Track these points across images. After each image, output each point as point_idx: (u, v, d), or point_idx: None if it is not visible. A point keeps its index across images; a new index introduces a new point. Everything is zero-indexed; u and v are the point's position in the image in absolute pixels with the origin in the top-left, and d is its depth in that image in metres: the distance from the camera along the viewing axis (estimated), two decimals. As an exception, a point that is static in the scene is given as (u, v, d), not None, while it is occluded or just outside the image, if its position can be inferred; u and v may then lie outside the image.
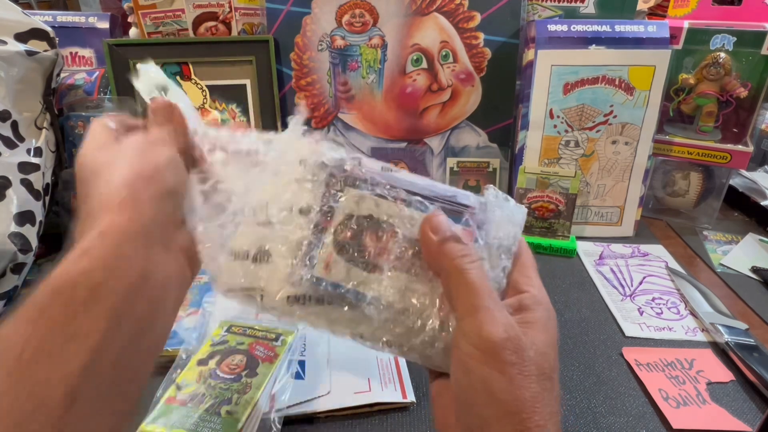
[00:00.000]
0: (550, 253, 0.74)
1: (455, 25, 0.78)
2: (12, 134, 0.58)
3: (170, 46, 0.76)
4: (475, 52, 0.79)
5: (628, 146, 0.75)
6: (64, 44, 0.79)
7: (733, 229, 0.82)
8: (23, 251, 0.54)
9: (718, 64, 0.73)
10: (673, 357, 0.53)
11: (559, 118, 0.75)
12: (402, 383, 0.47)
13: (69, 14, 0.86)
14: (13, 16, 0.60)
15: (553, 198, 0.74)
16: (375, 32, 0.79)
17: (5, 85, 0.58)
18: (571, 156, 0.77)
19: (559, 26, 0.73)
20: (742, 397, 0.49)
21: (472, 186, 0.83)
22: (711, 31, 0.74)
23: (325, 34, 0.79)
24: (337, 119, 0.84)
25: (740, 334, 0.55)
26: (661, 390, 0.49)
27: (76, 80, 0.75)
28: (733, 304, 0.62)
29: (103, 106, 0.71)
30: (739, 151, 0.75)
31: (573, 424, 0.45)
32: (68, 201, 0.69)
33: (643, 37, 0.72)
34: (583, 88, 0.73)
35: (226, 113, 0.78)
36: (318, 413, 0.44)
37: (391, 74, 0.81)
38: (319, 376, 0.48)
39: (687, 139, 0.78)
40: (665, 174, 0.84)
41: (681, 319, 0.60)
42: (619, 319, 0.60)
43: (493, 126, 0.83)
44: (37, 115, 0.62)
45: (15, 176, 0.56)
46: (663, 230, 0.82)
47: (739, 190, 0.87)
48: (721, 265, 0.72)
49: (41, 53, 0.60)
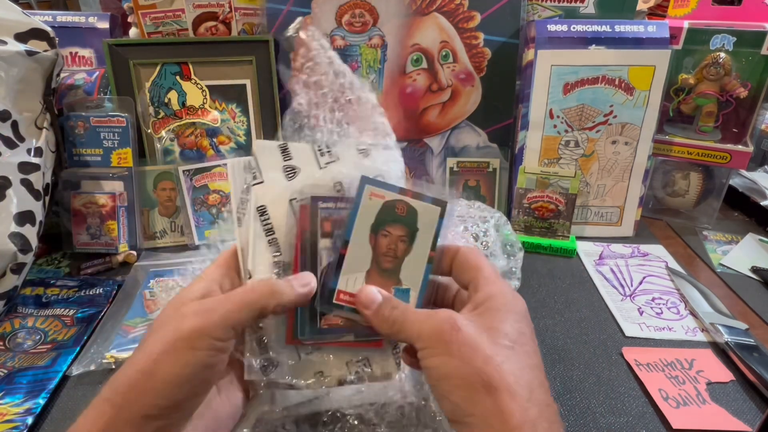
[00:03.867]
0: (550, 253, 0.74)
1: (455, 25, 0.78)
2: (12, 134, 0.58)
3: (170, 46, 0.75)
4: (475, 52, 0.79)
5: (628, 146, 0.75)
6: (64, 44, 0.79)
7: (733, 229, 0.82)
8: (23, 251, 0.54)
9: (718, 64, 0.73)
10: (673, 357, 0.53)
11: (559, 118, 0.75)
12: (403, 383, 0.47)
13: (69, 14, 0.86)
14: (13, 16, 0.60)
15: (553, 198, 0.74)
16: (375, 32, 0.79)
17: (5, 85, 0.58)
18: (571, 156, 0.77)
19: (559, 26, 0.73)
20: (742, 397, 0.49)
21: (472, 186, 0.83)
22: (711, 31, 0.74)
23: (325, 34, 0.79)
24: (337, 119, 0.84)
25: (740, 334, 0.55)
26: (661, 390, 0.49)
27: (76, 80, 0.75)
28: (733, 304, 0.62)
29: (103, 106, 0.71)
30: (739, 151, 0.75)
31: (573, 424, 0.45)
32: (68, 201, 0.69)
33: (643, 37, 0.72)
34: (583, 88, 0.73)
35: (226, 113, 0.78)
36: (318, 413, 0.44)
37: (391, 74, 0.81)
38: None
39: (687, 139, 0.78)
40: (665, 174, 0.83)
41: (681, 319, 0.60)
42: (619, 319, 0.60)
43: (493, 126, 0.83)
44: (37, 115, 0.62)
45: (15, 176, 0.56)
46: (663, 230, 0.82)
47: (739, 190, 0.87)
48: (721, 265, 0.72)
49: (41, 53, 0.60)
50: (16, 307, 0.58)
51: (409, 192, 0.34)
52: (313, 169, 0.35)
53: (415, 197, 0.34)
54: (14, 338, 0.54)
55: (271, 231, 0.34)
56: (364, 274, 0.34)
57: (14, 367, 0.50)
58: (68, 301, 0.60)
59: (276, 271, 0.34)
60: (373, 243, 0.34)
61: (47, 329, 0.55)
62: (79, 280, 0.64)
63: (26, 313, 0.57)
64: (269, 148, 0.35)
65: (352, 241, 0.33)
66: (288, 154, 0.35)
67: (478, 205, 0.68)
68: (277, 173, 0.35)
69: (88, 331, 0.55)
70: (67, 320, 0.57)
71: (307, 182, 0.34)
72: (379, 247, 0.34)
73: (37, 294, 0.60)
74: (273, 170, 0.35)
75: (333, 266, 0.33)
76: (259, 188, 0.34)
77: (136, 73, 0.73)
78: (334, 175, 0.35)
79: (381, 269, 0.34)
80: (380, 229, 0.34)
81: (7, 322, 0.56)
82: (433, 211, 0.34)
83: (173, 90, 0.75)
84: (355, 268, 0.34)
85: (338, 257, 0.33)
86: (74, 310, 0.58)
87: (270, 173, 0.35)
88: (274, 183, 0.34)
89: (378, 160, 0.36)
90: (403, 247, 0.34)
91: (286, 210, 0.34)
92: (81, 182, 0.69)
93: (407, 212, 0.34)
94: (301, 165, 0.35)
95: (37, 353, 0.52)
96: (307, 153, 0.36)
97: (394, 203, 0.34)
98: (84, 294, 0.61)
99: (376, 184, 0.34)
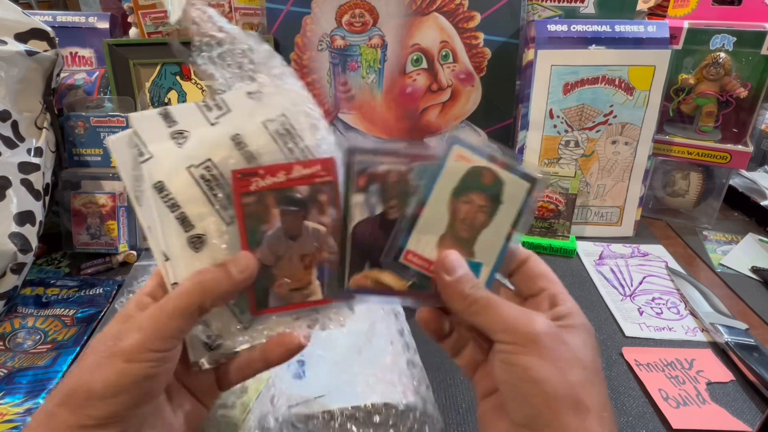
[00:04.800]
0: (550, 253, 0.74)
1: (455, 25, 0.78)
2: (12, 134, 0.58)
3: (170, 46, 0.76)
4: (475, 52, 0.79)
5: (628, 146, 0.75)
6: (64, 44, 0.79)
7: (733, 229, 0.82)
8: (23, 251, 0.54)
9: (718, 64, 0.73)
10: (673, 357, 0.53)
11: (559, 118, 0.75)
12: (403, 383, 0.47)
13: (69, 14, 0.86)
14: (13, 16, 0.60)
15: (553, 198, 0.74)
16: (375, 32, 0.79)
17: (5, 85, 0.58)
18: (571, 156, 0.77)
19: (559, 26, 0.73)
20: (742, 397, 0.49)
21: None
22: (711, 31, 0.74)
23: (325, 34, 0.79)
24: (337, 119, 0.84)
25: (740, 334, 0.55)
26: (661, 390, 0.49)
27: (76, 80, 0.75)
28: (733, 304, 0.62)
29: (103, 106, 0.71)
30: (739, 151, 0.75)
31: (573, 424, 0.45)
32: (68, 201, 0.69)
33: (643, 37, 0.72)
34: (583, 88, 0.73)
35: (226, 113, 0.78)
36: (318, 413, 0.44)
37: (391, 74, 0.81)
38: (319, 376, 0.47)
39: (687, 139, 0.78)
40: (665, 174, 0.83)
41: (681, 319, 0.60)
42: (619, 319, 0.60)
43: (493, 126, 0.83)
44: (38, 115, 0.62)
45: (15, 176, 0.56)
46: (663, 230, 0.82)
47: (739, 190, 0.87)
48: (721, 265, 0.72)
49: (41, 53, 0.60)
50: (16, 307, 0.58)
51: (500, 161, 0.31)
52: (205, 128, 0.32)
53: (504, 167, 0.31)
54: (14, 338, 0.54)
55: (176, 206, 0.31)
56: (437, 238, 0.31)
57: (14, 367, 0.50)
58: (68, 301, 0.60)
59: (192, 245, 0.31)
60: (453, 208, 0.31)
61: (47, 329, 0.55)
62: (79, 280, 0.64)
63: (26, 313, 0.57)
64: (148, 118, 0.32)
65: (430, 202, 0.31)
66: (171, 118, 0.32)
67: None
68: (166, 143, 0.31)
69: (88, 331, 0.55)
70: (67, 320, 0.57)
71: (204, 143, 0.31)
72: (458, 213, 0.31)
73: (37, 294, 0.60)
74: (160, 141, 0.31)
75: (405, 224, 0.31)
76: (149, 164, 0.31)
77: (136, 73, 0.73)
78: (229, 129, 0.32)
79: (455, 237, 0.32)
80: (462, 194, 0.31)
81: (7, 322, 0.56)
82: (521, 186, 0.31)
83: (173, 90, 0.75)
84: (428, 230, 0.31)
85: (412, 216, 0.31)
86: (74, 310, 0.58)
87: (158, 144, 0.31)
88: (165, 154, 0.31)
89: (273, 101, 0.33)
90: (483, 219, 0.32)
91: (186, 180, 0.31)
92: (81, 182, 0.69)
93: (494, 182, 0.31)
94: (190, 127, 0.32)
95: (37, 353, 0.52)
96: (193, 112, 0.32)
97: (481, 170, 0.31)
98: (84, 294, 0.61)
99: (466, 146, 0.31)
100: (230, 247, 0.31)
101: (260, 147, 0.32)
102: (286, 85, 0.34)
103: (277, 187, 0.31)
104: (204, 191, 0.31)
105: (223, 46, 0.33)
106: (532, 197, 0.32)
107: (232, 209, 0.31)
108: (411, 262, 0.32)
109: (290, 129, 0.33)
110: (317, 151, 0.33)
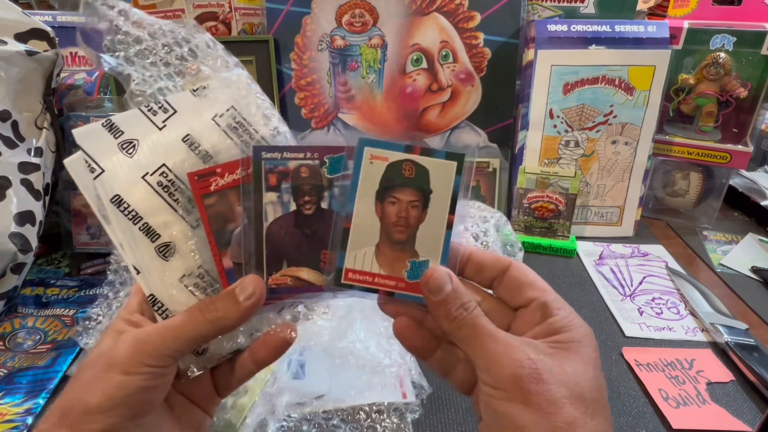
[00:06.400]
0: (550, 253, 0.73)
1: (455, 25, 0.78)
2: (12, 134, 0.58)
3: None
4: (475, 52, 0.79)
5: (628, 146, 0.75)
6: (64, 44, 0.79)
7: (733, 229, 0.82)
8: (23, 251, 0.54)
9: (718, 64, 0.73)
10: (673, 357, 0.53)
11: (559, 118, 0.75)
12: (402, 384, 0.47)
13: (69, 14, 0.85)
14: (13, 16, 0.60)
15: (553, 198, 0.74)
16: (375, 32, 0.79)
17: (5, 85, 0.58)
18: (571, 156, 0.77)
19: (559, 26, 0.73)
20: (742, 397, 0.49)
21: (472, 186, 0.83)
22: (711, 31, 0.74)
23: (325, 34, 0.79)
24: (337, 119, 0.84)
25: (740, 334, 0.55)
26: (661, 390, 0.49)
27: (76, 80, 0.75)
28: (733, 304, 0.62)
29: (103, 106, 0.71)
30: (739, 151, 0.75)
31: (573, 424, 0.45)
32: (68, 201, 0.69)
33: (643, 37, 0.72)
34: (583, 88, 0.73)
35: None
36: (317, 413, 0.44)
37: (391, 74, 0.81)
38: (319, 376, 0.47)
39: (687, 139, 0.78)
40: (665, 174, 0.83)
41: (681, 319, 0.60)
42: (619, 319, 0.60)
43: (493, 126, 0.83)
44: (38, 115, 0.62)
45: (15, 176, 0.56)
46: (663, 230, 0.82)
47: (739, 190, 0.87)
48: (721, 265, 0.72)
49: (41, 53, 0.60)
50: (16, 307, 0.58)
51: (417, 148, 0.29)
52: (154, 133, 0.31)
53: (424, 153, 0.29)
54: (14, 338, 0.54)
55: (137, 217, 0.30)
56: (373, 248, 0.30)
57: (14, 367, 0.50)
58: (68, 301, 0.60)
59: (161, 254, 0.31)
60: (380, 213, 0.30)
61: (47, 329, 0.55)
62: (79, 280, 0.63)
63: (26, 313, 0.57)
64: (92, 131, 0.31)
65: (355, 213, 0.29)
66: (117, 129, 0.31)
67: (478, 205, 0.68)
68: (116, 155, 0.31)
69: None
70: (67, 320, 0.57)
71: (156, 150, 0.30)
72: (388, 217, 0.30)
73: (37, 294, 0.60)
74: (109, 154, 0.30)
75: (337, 242, 0.30)
76: (102, 179, 0.30)
77: (136, 73, 0.73)
78: (179, 131, 0.31)
79: (392, 242, 0.30)
80: (387, 195, 0.30)
81: (7, 322, 0.56)
82: (447, 168, 0.30)
83: (173, 90, 0.75)
84: (362, 244, 0.30)
85: (342, 232, 0.30)
86: (74, 310, 0.58)
87: (107, 158, 0.30)
88: (116, 167, 0.30)
89: (220, 95, 0.32)
90: (416, 214, 0.30)
91: (144, 190, 0.30)
92: (81, 182, 0.69)
93: (416, 173, 0.30)
94: (138, 135, 0.31)
95: (37, 353, 0.52)
96: (138, 119, 0.31)
97: (399, 164, 0.30)
98: (84, 294, 0.61)
99: (376, 145, 0.29)
100: (199, 250, 0.31)
101: (214, 144, 0.31)
102: (232, 76, 0.33)
103: (237, 183, 0.31)
104: (164, 198, 0.31)
105: (141, 44, 0.32)
106: (463, 176, 0.30)
107: (195, 212, 0.31)
108: (353, 280, 0.30)
109: (242, 121, 0.32)
110: (273, 142, 0.32)
